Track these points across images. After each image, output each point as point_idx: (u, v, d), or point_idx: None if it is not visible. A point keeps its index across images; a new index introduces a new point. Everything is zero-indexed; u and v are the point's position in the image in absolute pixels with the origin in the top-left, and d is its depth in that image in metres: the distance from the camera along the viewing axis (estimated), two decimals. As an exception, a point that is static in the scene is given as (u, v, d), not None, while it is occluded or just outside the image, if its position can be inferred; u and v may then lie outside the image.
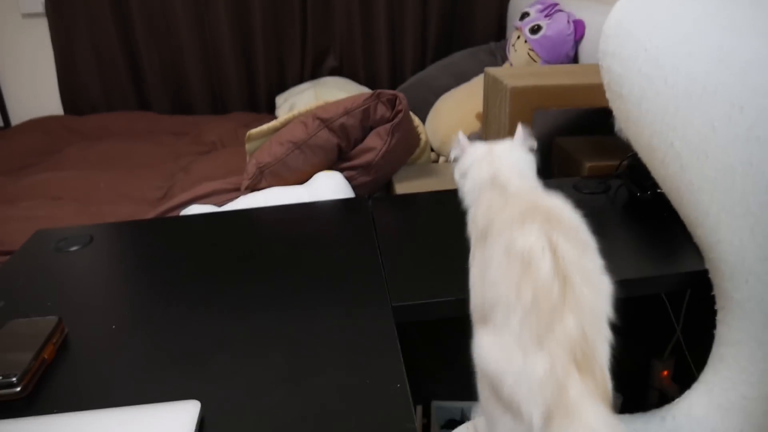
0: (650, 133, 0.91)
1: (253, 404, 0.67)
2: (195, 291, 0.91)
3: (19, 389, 0.70)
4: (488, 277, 0.64)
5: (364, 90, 2.70)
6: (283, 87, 2.91)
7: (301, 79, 2.91)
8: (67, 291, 0.97)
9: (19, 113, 2.98)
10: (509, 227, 0.64)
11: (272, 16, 2.79)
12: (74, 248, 1.09)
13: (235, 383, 0.70)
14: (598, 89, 1.22)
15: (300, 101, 2.52)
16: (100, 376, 0.74)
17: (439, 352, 0.84)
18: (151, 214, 1.66)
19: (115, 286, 0.95)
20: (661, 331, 1.40)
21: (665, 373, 1.42)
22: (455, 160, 0.85)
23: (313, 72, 2.93)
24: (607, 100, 1.00)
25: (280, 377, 0.70)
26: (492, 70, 1.36)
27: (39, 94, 2.97)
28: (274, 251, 1.01)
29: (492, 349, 0.61)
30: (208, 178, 1.96)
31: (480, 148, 0.82)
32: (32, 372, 0.72)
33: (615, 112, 0.97)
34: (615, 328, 0.60)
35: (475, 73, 2.28)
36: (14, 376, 0.70)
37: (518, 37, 2.09)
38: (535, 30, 2.01)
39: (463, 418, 1.26)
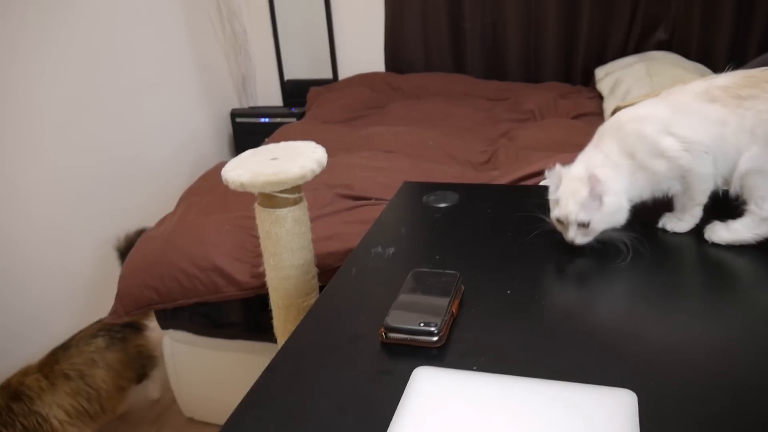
0: None
1: (688, 408, 0.61)
2: (587, 269, 0.88)
3: (436, 339, 0.72)
4: None
5: (699, 68, 2.45)
6: (602, 59, 2.77)
7: (623, 52, 2.74)
8: (448, 247, 0.99)
9: (345, 68, 3.24)
10: None
11: (604, -16, 2.66)
12: (444, 205, 1.13)
13: (660, 379, 0.65)
14: None
15: (627, 76, 2.36)
16: (500, 339, 0.74)
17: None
18: (482, 179, 1.69)
19: (497, 249, 0.96)
20: None
21: None
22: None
23: (637, 45, 2.74)
24: None
25: (710, 382, 0.64)
26: None
27: (365, 51, 3.19)
28: (664, 236, 0.94)
29: None
30: (532, 148, 1.93)
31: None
32: (446, 324, 0.74)
33: None
34: None
35: None
36: (435, 326, 0.73)
37: None
38: None
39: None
